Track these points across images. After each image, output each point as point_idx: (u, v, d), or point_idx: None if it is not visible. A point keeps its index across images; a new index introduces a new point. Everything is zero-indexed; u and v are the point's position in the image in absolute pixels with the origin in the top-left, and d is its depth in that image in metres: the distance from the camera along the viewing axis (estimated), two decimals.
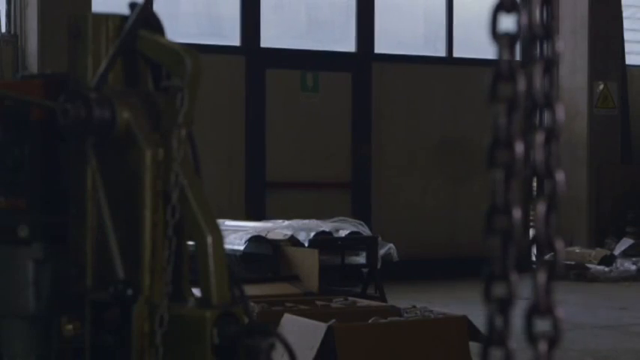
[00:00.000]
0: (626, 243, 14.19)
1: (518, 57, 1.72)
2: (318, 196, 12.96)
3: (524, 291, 1.76)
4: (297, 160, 12.87)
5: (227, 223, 10.19)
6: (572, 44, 14.59)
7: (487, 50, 12.99)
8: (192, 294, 2.71)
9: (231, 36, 12.58)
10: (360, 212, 12.43)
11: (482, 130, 13.88)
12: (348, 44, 13.35)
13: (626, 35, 15.10)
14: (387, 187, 13.32)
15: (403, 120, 13.47)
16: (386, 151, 13.34)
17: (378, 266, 10.19)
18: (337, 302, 7.21)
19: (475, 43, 14.16)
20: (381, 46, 13.51)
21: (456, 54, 13.96)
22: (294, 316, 6.40)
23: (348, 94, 13.20)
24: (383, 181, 13.31)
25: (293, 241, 9.93)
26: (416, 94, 13.59)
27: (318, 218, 10.74)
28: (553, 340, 1.67)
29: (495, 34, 1.69)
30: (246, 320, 2.61)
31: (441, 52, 13.94)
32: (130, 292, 2.57)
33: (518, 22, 1.68)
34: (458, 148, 13.75)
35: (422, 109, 13.59)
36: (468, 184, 13.70)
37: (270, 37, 12.85)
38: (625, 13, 15.07)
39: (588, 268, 13.22)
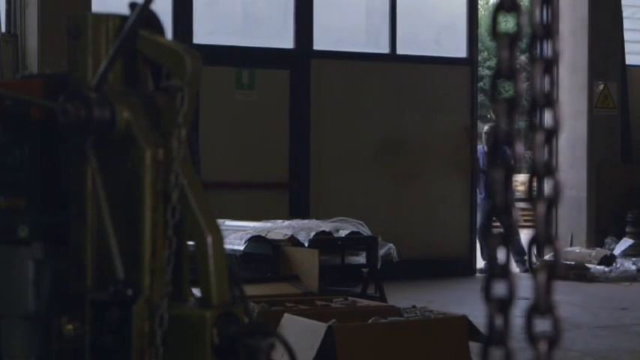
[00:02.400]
0: (626, 243, 14.20)
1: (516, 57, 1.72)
2: (254, 197, 12.67)
3: (524, 291, 1.76)
4: (233, 159, 12.58)
5: (227, 223, 10.19)
6: (572, 44, 14.59)
7: (432, 47, 12.89)
8: (192, 294, 2.71)
9: None
10: (298, 213, 12.13)
11: (426, 129, 13.64)
12: (285, 40, 12.94)
13: (626, 35, 15.11)
14: (326, 188, 13.00)
15: (344, 119, 13.15)
16: (325, 151, 13.03)
17: (378, 266, 10.19)
18: (337, 302, 7.21)
19: (419, 39, 13.86)
20: (320, 43, 13.11)
21: (399, 51, 13.61)
22: (294, 316, 6.40)
23: (286, 91, 12.89)
24: (322, 181, 12.99)
25: (293, 241, 9.94)
26: (357, 92, 13.27)
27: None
28: (553, 340, 1.67)
29: (495, 34, 1.69)
30: (246, 320, 2.61)
31: (384, 49, 13.59)
32: (130, 292, 2.57)
33: (518, 22, 1.68)
34: (401, 147, 13.49)
35: (363, 107, 13.29)
36: (411, 184, 13.47)
37: (204, 33, 12.42)
38: (625, 13, 15.07)
39: (588, 268, 13.22)
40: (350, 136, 13.20)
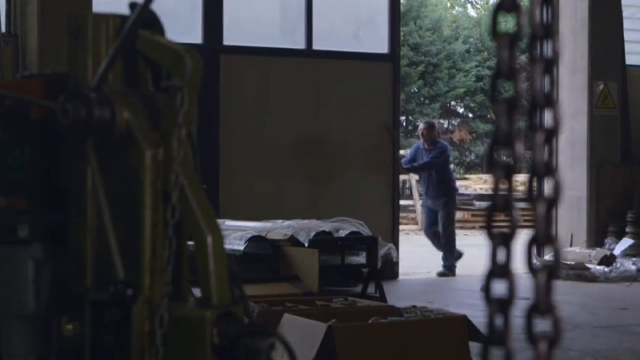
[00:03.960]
0: (626, 243, 14.20)
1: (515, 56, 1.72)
2: None
3: (524, 291, 1.76)
4: None
5: (227, 223, 10.20)
6: (572, 44, 14.59)
7: (351, 42, 12.54)
8: (192, 294, 2.71)
9: None
10: None
11: (344, 127, 13.18)
12: (193, 35, 12.36)
13: (626, 35, 15.11)
14: (237, 188, 12.57)
15: (255, 117, 12.69)
16: (236, 151, 12.59)
17: (379, 266, 10.20)
18: (337, 302, 7.21)
19: (338, 34, 13.44)
20: (230, 38, 12.64)
21: (316, 46, 13.15)
22: (294, 316, 6.40)
23: None
24: (233, 181, 12.56)
25: (293, 241, 9.95)
26: (271, 89, 12.83)
27: None
28: (553, 340, 1.67)
29: (495, 34, 1.69)
30: (246, 320, 2.61)
31: (300, 44, 13.12)
32: (130, 292, 2.57)
33: (518, 22, 1.68)
34: (318, 146, 13.07)
35: (278, 104, 12.78)
36: (329, 184, 13.07)
37: None
38: (625, 13, 15.08)
39: (588, 268, 13.23)
40: (263, 134, 12.68)
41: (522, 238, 1.70)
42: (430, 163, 13.57)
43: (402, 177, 27.77)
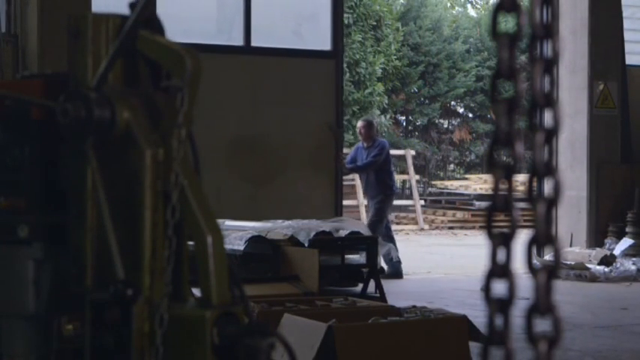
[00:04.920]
0: (626, 243, 14.20)
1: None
2: None
3: (524, 291, 1.76)
4: None
5: (227, 223, 10.20)
6: (572, 44, 14.59)
7: (289, 38, 12.07)
8: (192, 294, 2.71)
9: None
10: None
11: (285, 127, 12.73)
12: None
13: (626, 35, 15.11)
14: None
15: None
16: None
17: (378, 266, 10.21)
18: (337, 302, 7.21)
19: (277, 30, 13.02)
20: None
21: (254, 43, 12.72)
22: (294, 316, 6.40)
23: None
24: None
25: (293, 241, 9.95)
26: (207, 87, 11.95)
27: None
28: (553, 340, 1.67)
29: (495, 34, 1.69)
30: (246, 320, 2.61)
31: (238, 41, 12.71)
32: (130, 292, 2.57)
33: (518, 22, 1.68)
34: (258, 146, 12.71)
35: (215, 103, 12.20)
36: (269, 184, 12.74)
37: None
38: (625, 13, 15.07)
39: (588, 268, 13.22)
40: (199, 134, 12.16)
41: (522, 238, 1.70)
42: (372, 162, 13.14)
43: (402, 177, 27.80)
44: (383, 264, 12.21)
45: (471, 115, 32.85)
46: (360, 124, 13.87)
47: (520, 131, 1.70)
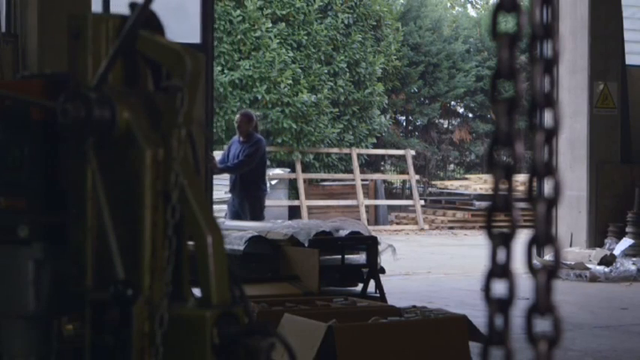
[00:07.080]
0: (626, 243, 14.20)
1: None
2: None
3: (524, 291, 1.76)
4: None
5: (227, 223, 10.20)
6: (572, 44, 14.59)
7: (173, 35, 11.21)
8: (193, 294, 2.71)
9: None
10: None
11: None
12: None
13: (626, 35, 15.12)
14: None
15: None
16: None
17: (379, 266, 10.20)
18: (337, 302, 7.21)
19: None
20: None
21: None
22: (294, 316, 6.40)
23: None
24: None
25: (293, 241, 9.94)
26: None
27: None
28: (553, 340, 1.67)
29: (495, 34, 1.69)
30: (246, 320, 2.61)
31: None
32: (130, 292, 2.57)
33: (518, 22, 1.68)
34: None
35: None
36: None
37: None
38: (625, 13, 15.08)
39: (588, 268, 13.23)
40: None
41: (522, 238, 1.70)
42: (244, 162, 12.48)
43: (402, 177, 27.78)
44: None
45: (471, 115, 32.86)
46: (237, 116, 13.02)
47: (520, 131, 1.70)
